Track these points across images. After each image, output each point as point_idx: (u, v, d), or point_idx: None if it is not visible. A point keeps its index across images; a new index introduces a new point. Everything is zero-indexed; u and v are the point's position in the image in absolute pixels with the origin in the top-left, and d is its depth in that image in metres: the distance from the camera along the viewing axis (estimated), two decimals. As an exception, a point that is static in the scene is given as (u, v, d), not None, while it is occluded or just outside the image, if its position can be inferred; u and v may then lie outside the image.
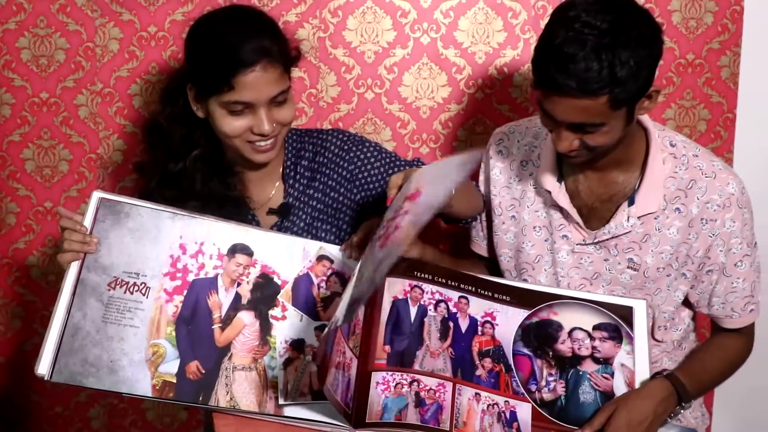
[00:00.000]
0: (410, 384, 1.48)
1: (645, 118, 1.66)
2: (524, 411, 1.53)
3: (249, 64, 1.58)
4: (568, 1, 1.51)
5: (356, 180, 1.75)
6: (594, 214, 1.70)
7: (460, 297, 1.61)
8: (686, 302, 1.76)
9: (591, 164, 1.66)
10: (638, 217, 1.65)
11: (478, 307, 1.61)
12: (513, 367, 1.57)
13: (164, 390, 1.47)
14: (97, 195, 1.57)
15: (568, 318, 1.62)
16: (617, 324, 1.61)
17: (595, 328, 1.61)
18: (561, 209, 1.71)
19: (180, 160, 1.73)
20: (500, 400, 1.53)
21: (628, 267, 1.69)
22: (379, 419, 1.43)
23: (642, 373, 1.57)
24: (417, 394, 1.47)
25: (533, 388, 1.56)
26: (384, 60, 2.11)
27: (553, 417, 1.54)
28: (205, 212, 1.62)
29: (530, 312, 1.62)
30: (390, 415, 1.44)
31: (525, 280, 1.77)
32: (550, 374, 1.58)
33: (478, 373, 1.55)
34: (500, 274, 1.84)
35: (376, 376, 1.48)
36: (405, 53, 2.11)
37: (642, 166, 1.66)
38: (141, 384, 1.46)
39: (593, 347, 1.59)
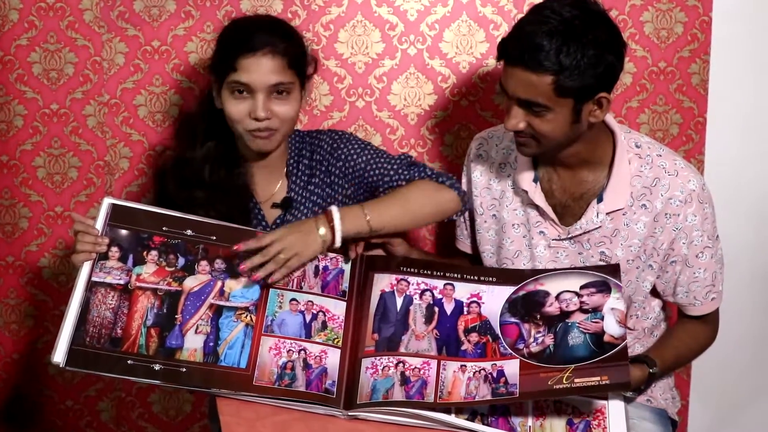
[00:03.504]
0: (396, 365, 1.57)
1: (611, 121, 1.74)
2: (512, 366, 1.56)
3: (252, 50, 1.71)
4: None
5: (345, 175, 1.83)
6: (567, 212, 1.78)
7: (445, 284, 1.68)
8: (654, 292, 1.83)
9: (555, 161, 1.75)
10: (607, 213, 1.73)
11: (464, 290, 1.67)
12: (500, 335, 1.61)
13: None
14: (107, 201, 1.66)
15: (554, 285, 1.64)
16: (604, 279, 1.63)
17: (583, 287, 1.62)
18: (537, 207, 1.79)
19: (198, 147, 1.83)
20: (486, 365, 1.57)
21: (600, 260, 1.77)
22: (369, 400, 1.53)
23: None
24: (402, 373, 1.56)
25: (521, 346, 1.59)
26: (374, 70, 2.18)
27: (541, 364, 1.55)
28: (210, 202, 1.72)
29: (517, 287, 1.66)
30: (378, 395, 1.53)
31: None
32: (538, 332, 1.60)
33: (463, 348, 1.60)
34: (483, 270, 1.91)
35: (366, 362, 1.58)
36: (393, 64, 2.18)
37: (609, 166, 1.74)
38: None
39: (581, 302, 1.61)
